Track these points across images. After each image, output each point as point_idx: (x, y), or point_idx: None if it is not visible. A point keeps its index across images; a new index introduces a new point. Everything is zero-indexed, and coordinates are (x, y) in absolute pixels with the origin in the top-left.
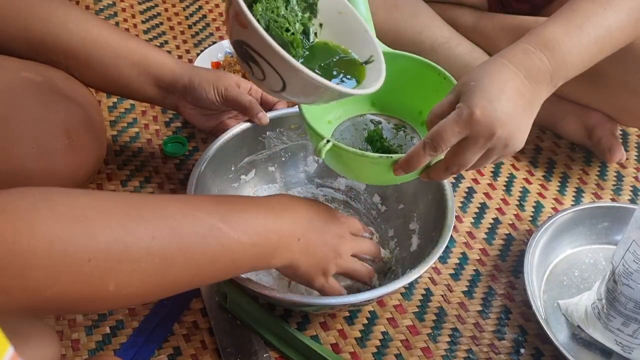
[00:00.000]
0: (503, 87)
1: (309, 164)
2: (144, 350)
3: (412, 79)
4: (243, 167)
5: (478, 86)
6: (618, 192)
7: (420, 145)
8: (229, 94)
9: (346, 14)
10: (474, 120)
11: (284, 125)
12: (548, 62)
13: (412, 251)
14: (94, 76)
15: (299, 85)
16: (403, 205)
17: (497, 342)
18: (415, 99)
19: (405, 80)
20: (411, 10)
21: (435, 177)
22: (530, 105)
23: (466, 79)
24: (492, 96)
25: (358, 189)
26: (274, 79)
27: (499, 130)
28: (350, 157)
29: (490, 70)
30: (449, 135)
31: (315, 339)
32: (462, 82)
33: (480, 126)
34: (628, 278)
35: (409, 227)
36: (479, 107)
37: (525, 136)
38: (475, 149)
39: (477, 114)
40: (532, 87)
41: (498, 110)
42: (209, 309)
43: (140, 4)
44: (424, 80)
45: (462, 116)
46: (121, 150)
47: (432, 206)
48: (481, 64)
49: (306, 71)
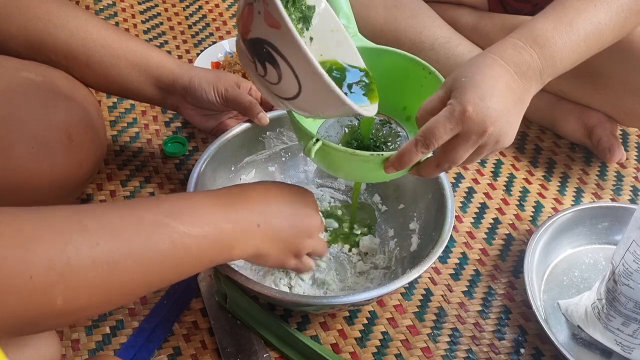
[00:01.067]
0: (494, 83)
1: (309, 164)
2: (144, 350)
3: (396, 74)
4: (243, 167)
5: (470, 83)
6: (618, 192)
7: (412, 142)
8: (229, 94)
9: (338, 32)
10: (466, 117)
11: (284, 125)
12: (538, 58)
13: (412, 251)
14: (94, 76)
15: (314, 93)
16: (403, 205)
17: (497, 342)
18: (400, 94)
19: (390, 75)
20: (411, 10)
21: (425, 173)
22: (520, 101)
23: (457, 74)
24: (484, 93)
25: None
26: (290, 83)
27: (490, 127)
28: (340, 155)
29: (482, 66)
30: (441, 132)
31: (315, 339)
32: (452, 78)
33: (472, 123)
34: (628, 278)
35: (409, 227)
36: (471, 104)
37: (515, 132)
38: (467, 146)
39: (470, 111)
40: (522, 83)
41: (490, 108)
42: (209, 309)
43: (140, 4)
44: (408, 76)
45: (455, 113)
46: (121, 150)
47: (432, 206)
48: (471, 59)
49: (327, 79)
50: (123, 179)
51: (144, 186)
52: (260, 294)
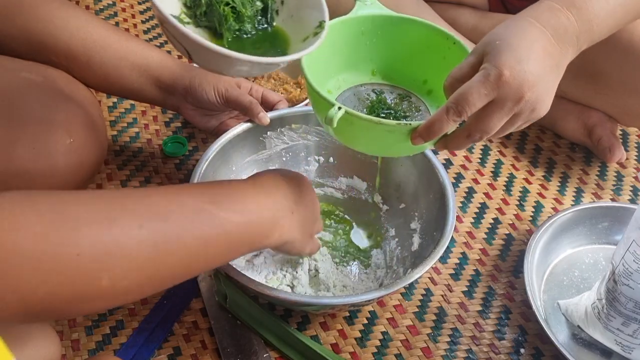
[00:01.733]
0: (531, 46)
1: (310, 164)
2: (144, 350)
3: (416, 45)
4: (244, 167)
5: (505, 45)
6: (618, 192)
7: (443, 110)
8: (229, 94)
9: None
10: (503, 81)
11: (284, 125)
12: (575, 21)
13: (414, 251)
14: (95, 77)
15: (199, 54)
16: (404, 204)
17: (497, 342)
18: (420, 66)
19: (409, 46)
20: (412, 10)
21: (453, 146)
22: (557, 67)
23: (489, 38)
24: (521, 56)
25: (359, 188)
26: (178, 47)
27: (527, 92)
28: (363, 125)
29: (517, 29)
30: (475, 98)
31: (315, 339)
32: (484, 42)
33: (508, 88)
34: (628, 278)
35: (410, 227)
36: (507, 68)
37: (551, 100)
38: (502, 113)
39: (506, 74)
40: (560, 47)
41: (527, 72)
42: (209, 309)
43: (140, 4)
44: (430, 46)
45: (490, 77)
46: (121, 150)
47: (433, 205)
48: (504, 22)
49: (194, 37)
50: (123, 179)
51: (144, 186)
52: (261, 294)
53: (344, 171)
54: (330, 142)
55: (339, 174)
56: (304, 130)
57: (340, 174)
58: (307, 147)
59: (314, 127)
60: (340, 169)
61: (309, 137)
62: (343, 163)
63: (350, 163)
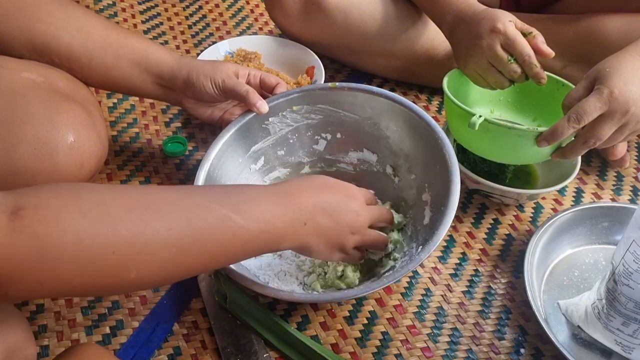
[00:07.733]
0: (635, 73)
1: (318, 143)
2: (144, 350)
3: (529, 90)
4: (251, 157)
5: (614, 71)
6: (618, 192)
7: (565, 118)
8: (226, 84)
9: None
10: (613, 98)
11: (285, 108)
12: None
13: (425, 224)
14: (97, 77)
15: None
16: (415, 175)
17: (497, 342)
18: (531, 107)
19: (523, 92)
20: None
21: (571, 153)
22: None
23: (600, 66)
24: (627, 79)
25: (370, 160)
26: None
27: (632, 107)
28: (498, 130)
29: (623, 60)
30: (591, 109)
31: (315, 339)
32: (596, 69)
33: (617, 104)
34: (628, 278)
35: (422, 199)
36: (617, 87)
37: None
38: (612, 123)
39: (616, 92)
40: None
41: (632, 91)
42: (209, 309)
43: (140, 4)
44: (541, 90)
45: (603, 94)
46: (121, 151)
47: (439, 178)
48: (612, 56)
49: None
50: (123, 179)
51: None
52: (260, 294)
53: (353, 145)
54: (336, 118)
55: (349, 148)
56: (306, 110)
57: (350, 148)
58: (312, 126)
59: (316, 105)
60: (350, 143)
61: (312, 116)
62: (351, 137)
63: (358, 136)
